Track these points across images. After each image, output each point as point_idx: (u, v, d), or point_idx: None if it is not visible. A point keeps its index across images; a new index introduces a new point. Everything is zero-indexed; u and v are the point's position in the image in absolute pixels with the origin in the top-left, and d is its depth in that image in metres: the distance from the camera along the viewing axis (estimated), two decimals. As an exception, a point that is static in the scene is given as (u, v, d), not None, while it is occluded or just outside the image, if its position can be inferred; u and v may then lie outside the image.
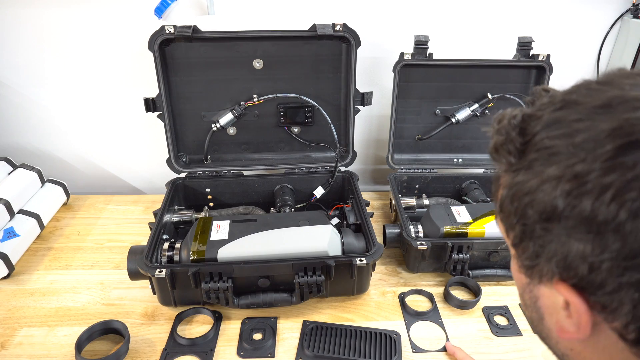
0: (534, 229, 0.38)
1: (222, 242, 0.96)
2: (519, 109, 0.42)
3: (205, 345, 0.89)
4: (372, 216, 1.10)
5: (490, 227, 1.06)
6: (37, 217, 1.18)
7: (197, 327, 0.95)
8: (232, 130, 1.27)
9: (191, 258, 0.94)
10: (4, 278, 1.06)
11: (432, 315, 0.97)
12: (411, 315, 0.97)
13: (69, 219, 1.30)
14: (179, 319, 0.95)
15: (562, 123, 0.37)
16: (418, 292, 1.04)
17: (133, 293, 1.03)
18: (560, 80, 1.32)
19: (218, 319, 0.95)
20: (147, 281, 0.95)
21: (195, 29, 1.08)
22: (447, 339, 0.92)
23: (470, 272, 1.04)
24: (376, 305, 1.01)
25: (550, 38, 1.31)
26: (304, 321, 0.95)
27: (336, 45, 1.17)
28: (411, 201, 1.25)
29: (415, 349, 0.89)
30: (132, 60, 1.27)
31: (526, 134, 0.40)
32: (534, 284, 0.42)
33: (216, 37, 1.12)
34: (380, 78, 1.33)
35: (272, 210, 1.20)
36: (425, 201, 1.25)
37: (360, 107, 1.22)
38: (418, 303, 1.01)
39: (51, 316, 0.97)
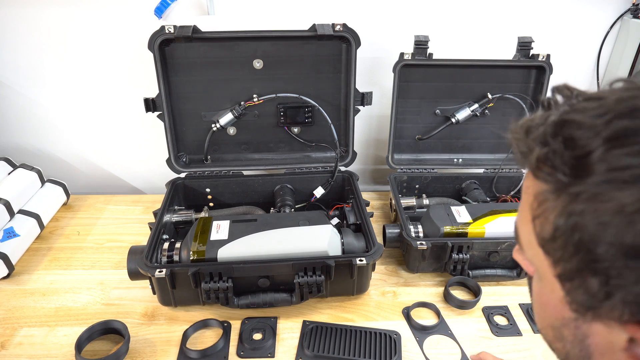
0: (609, 267, 0.32)
1: (222, 242, 0.96)
2: (553, 113, 0.36)
3: (217, 355, 0.87)
4: (372, 216, 1.10)
5: (490, 227, 1.06)
6: (37, 217, 1.18)
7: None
8: (232, 130, 1.27)
9: (191, 258, 0.94)
10: (4, 278, 1.06)
11: (441, 327, 0.95)
12: (419, 330, 0.94)
13: (69, 219, 1.30)
14: (186, 336, 0.91)
15: (638, 136, 0.31)
16: (422, 305, 1.00)
17: (133, 293, 1.03)
18: (560, 80, 1.32)
19: (227, 328, 0.93)
20: (147, 281, 0.95)
21: (195, 29, 1.08)
22: (462, 351, 0.89)
23: (470, 272, 1.04)
24: (376, 305, 1.01)
25: (550, 38, 1.31)
26: (304, 321, 0.95)
27: (336, 45, 1.17)
28: (411, 201, 1.25)
29: None
30: (132, 60, 1.27)
31: (577, 146, 0.33)
32: (583, 321, 0.37)
33: (216, 37, 1.11)
34: (380, 78, 1.33)
35: (272, 210, 1.20)
36: (425, 201, 1.25)
37: (360, 107, 1.22)
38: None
39: (51, 316, 0.97)
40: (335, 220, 1.07)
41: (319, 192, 1.24)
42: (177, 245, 0.99)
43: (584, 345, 0.38)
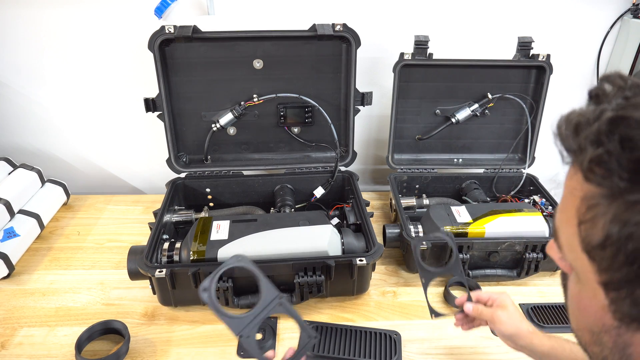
0: None
1: (222, 242, 0.96)
2: (608, 108, 0.34)
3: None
4: (372, 216, 1.10)
5: (490, 227, 1.06)
6: (37, 217, 1.18)
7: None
8: (232, 130, 1.27)
9: (191, 258, 0.94)
10: (4, 278, 1.06)
11: (454, 266, 0.82)
12: (428, 272, 0.81)
13: (69, 219, 1.30)
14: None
15: None
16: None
17: (133, 293, 1.03)
18: (560, 80, 1.32)
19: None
20: (147, 281, 0.95)
21: (195, 29, 1.08)
22: (469, 297, 0.80)
23: (470, 272, 1.04)
24: (376, 305, 1.00)
25: (550, 38, 1.31)
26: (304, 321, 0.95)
27: (336, 45, 1.17)
28: (411, 201, 1.25)
29: (436, 314, 0.81)
30: (132, 60, 1.27)
31: (637, 147, 0.31)
32: (626, 329, 0.37)
33: (216, 37, 1.11)
34: (380, 78, 1.33)
35: (272, 210, 1.20)
36: (425, 201, 1.25)
37: (360, 107, 1.22)
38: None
39: (51, 316, 0.97)
40: (335, 220, 1.07)
41: (319, 192, 1.24)
42: (177, 245, 0.99)
43: (625, 353, 0.38)
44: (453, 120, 1.28)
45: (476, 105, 1.27)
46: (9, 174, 1.26)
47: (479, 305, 0.78)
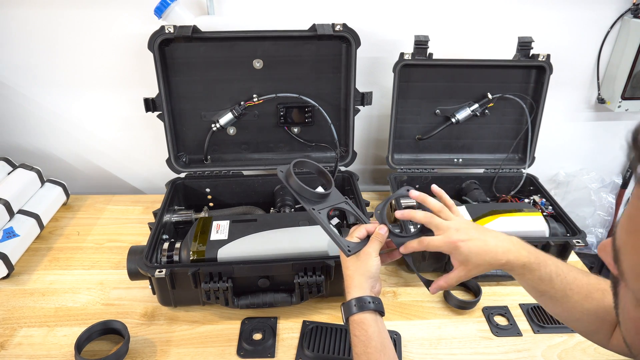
0: None
1: (222, 242, 0.95)
2: None
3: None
4: (372, 216, 1.10)
5: (491, 227, 1.05)
6: (36, 217, 1.18)
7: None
8: (232, 130, 1.27)
9: (191, 258, 0.94)
10: (4, 278, 1.06)
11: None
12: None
13: (68, 219, 1.30)
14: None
15: None
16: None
17: (133, 293, 1.02)
18: (560, 80, 1.32)
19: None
20: (147, 281, 0.95)
21: (195, 29, 1.08)
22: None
23: (470, 272, 1.04)
24: (376, 306, 1.00)
25: (550, 38, 1.31)
26: (304, 321, 0.95)
27: (336, 45, 1.17)
28: (411, 201, 1.24)
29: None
30: (132, 60, 1.27)
31: None
32: None
33: (216, 37, 1.11)
34: (380, 78, 1.33)
35: (272, 210, 1.20)
36: (425, 201, 1.25)
37: (360, 107, 1.22)
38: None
39: (51, 316, 0.97)
40: (335, 221, 1.07)
41: (319, 192, 1.23)
42: (177, 245, 0.98)
43: None
44: (453, 120, 1.28)
45: (476, 105, 1.27)
46: (9, 174, 1.26)
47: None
